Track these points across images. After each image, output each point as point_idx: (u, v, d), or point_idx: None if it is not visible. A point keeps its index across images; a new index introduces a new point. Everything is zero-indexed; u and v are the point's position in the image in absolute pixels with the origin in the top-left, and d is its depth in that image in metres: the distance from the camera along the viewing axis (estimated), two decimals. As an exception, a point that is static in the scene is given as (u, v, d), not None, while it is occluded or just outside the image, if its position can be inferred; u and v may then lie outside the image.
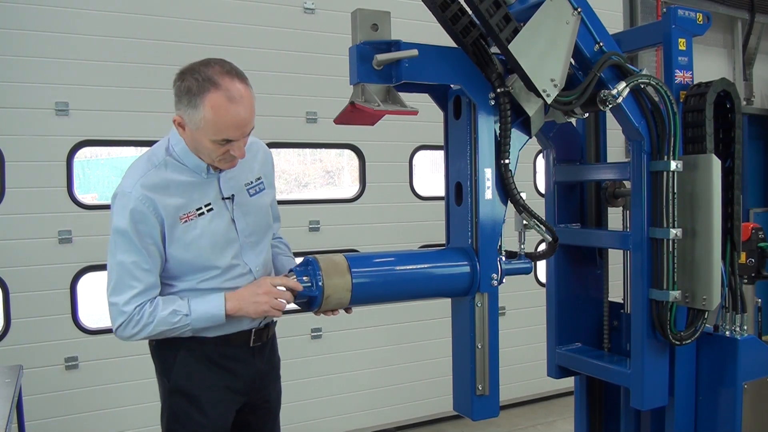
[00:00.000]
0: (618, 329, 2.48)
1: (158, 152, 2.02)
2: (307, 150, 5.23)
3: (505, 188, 1.88)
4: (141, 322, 1.93)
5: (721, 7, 6.22)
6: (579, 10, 1.87)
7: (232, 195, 2.04)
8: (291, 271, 1.93)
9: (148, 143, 3.90)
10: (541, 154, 3.83)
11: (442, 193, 2.05)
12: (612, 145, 2.61)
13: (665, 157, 2.05)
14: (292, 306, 2.01)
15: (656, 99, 2.06)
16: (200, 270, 2.01)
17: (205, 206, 1.99)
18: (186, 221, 1.96)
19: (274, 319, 2.19)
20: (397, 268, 1.93)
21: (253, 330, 2.11)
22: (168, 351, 2.06)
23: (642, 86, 2.01)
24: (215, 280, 2.02)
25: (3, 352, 3.49)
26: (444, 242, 2.07)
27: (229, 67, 1.91)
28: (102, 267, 2.73)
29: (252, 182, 2.12)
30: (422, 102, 1.90)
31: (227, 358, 2.08)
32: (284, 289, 1.91)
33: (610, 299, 2.50)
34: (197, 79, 1.85)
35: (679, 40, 2.17)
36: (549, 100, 1.82)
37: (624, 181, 2.38)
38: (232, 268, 2.04)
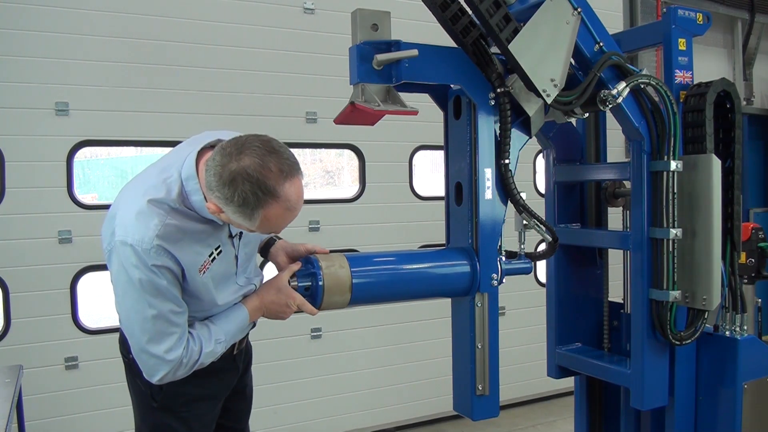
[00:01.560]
0: (618, 329, 2.48)
1: (170, 194, 1.78)
2: (307, 150, 5.23)
3: (505, 188, 1.88)
4: (190, 362, 1.85)
5: (721, 7, 6.22)
6: (579, 10, 1.87)
7: (240, 232, 1.95)
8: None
9: (148, 143, 3.92)
10: (541, 154, 3.83)
11: (442, 193, 2.05)
12: (612, 145, 2.61)
13: (665, 157, 2.05)
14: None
15: (656, 99, 2.06)
16: (206, 308, 1.95)
17: (216, 250, 1.88)
18: (204, 272, 1.85)
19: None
20: (397, 268, 1.93)
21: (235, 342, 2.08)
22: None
23: (642, 86, 2.01)
24: (210, 311, 1.96)
25: (3, 352, 3.49)
26: (444, 242, 2.07)
27: (286, 162, 1.66)
28: (102, 267, 2.73)
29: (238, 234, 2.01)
30: (422, 102, 1.90)
31: (213, 373, 2.02)
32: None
33: (610, 299, 2.50)
34: (255, 193, 1.62)
35: (679, 40, 2.17)
36: (549, 100, 1.82)
37: (624, 181, 2.38)
38: (229, 303, 1.98)
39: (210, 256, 1.86)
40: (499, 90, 1.82)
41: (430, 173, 5.70)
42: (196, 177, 1.75)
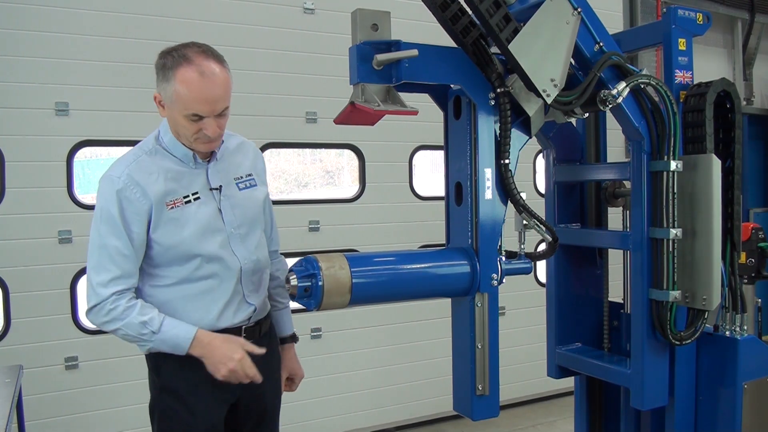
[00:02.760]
0: (618, 329, 2.48)
1: (148, 141, 2.09)
2: (307, 150, 5.23)
3: (505, 188, 1.87)
4: (111, 314, 1.96)
5: (721, 7, 6.22)
6: (579, 10, 1.87)
7: (220, 186, 2.11)
8: (290, 270, 1.93)
9: (148, 143, 3.92)
10: (541, 154, 3.83)
11: (442, 193, 2.05)
12: (612, 145, 2.61)
13: (665, 157, 2.05)
14: (293, 305, 2.02)
15: (656, 99, 2.06)
16: (184, 259, 2.04)
17: (192, 195, 2.05)
18: (172, 208, 2.02)
19: (267, 313, 2.27)
20: (397, 267, 1.93)
21: (243, 327, 2.15)
22: (165, 355, 2.06)
23: (642, 86, 2.01)
24: (200, 270, 2.05)
25: (3, 352, 3.49)
26: (444, 242, 2.07)
27: (206, 48, 1.98)
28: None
29: (242, 177, 2.19)
30: (422, 102, 1.90)
31: None
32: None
33: (610, 299, 2.50)
34: (173, 56, 1.93)
35: (679, 40, 2.17)
36: (549, 100, 1.82)
37: (624, 181, 2.38)
38: (218, 259, 2.07)
39: (185, 198, 2.03)
40: (499, 90, 1.82)
41: (430, 173, 5.70)
42: (166, 123, 2.05)
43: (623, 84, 1.95)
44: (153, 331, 1.96)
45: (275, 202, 4.24)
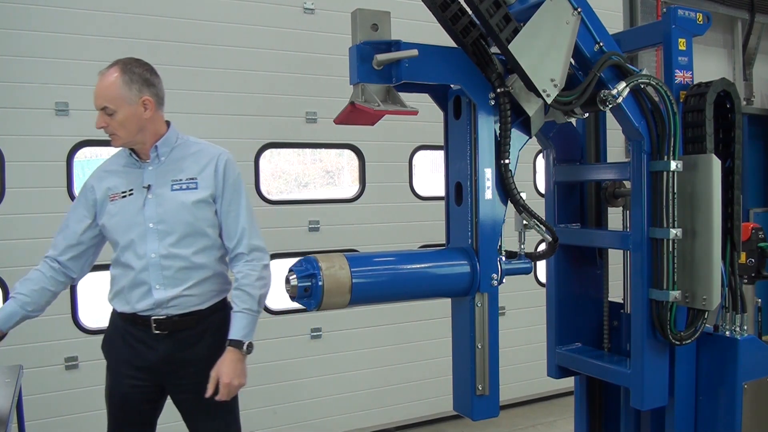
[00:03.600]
0: (618, 329, 2.48)
1: (120, 149, 2.54)
2: (307, 150, 5.23)
3: (505, 188, 1.87)
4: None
5: (721, 7, 6.22)
6: (579, 10, 1.87)
7: (149, 185, 2.40)
8: (290, 270, 1.93)
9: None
10: (541, 154, 3.83)
11: (442, 193, 2.05)
12: (612, 145, 2.61)
13: (665, 157, 2.05)
14: (293, 305, 2.02)
15: (656, 99, 2.06)
16: (114, 244, 2.46)
17: (128, 191, 2.41)
18: (113, 200, 2.42)
19: (202, 308, 2.45)
20: (397, 267, 1.93)
21: (152, 318, 2.39)
22: (109, 319, 2.54)
23: (642, 86, 2.01)
24: (122, 256, 2.42)
25: (3, 352, 3.48)
26: (444, 242, 2.07)
27: (129, 59, 2.49)
28: (103, 267, 2.74)
29: (181, 180, 2.42)
30: (422, 102, 1.90)
31: (132, 337, 2.43)
32: None
33: (610, 299, 2.50)
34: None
35: (679, 40, 2.17)
36: (549, 100, 1.82)
37: (624, 181, 2.38)
38: (131, 249, 2.39)
39: (122, 193, 2.42)
40: (499, 90, 1.82)
41: (430, 173, 5.70)
42: None
43: (623, 84, 1.95)
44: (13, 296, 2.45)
45: (275, 202, 4.28)
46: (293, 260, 1.89)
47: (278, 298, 3.47)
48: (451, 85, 1.94)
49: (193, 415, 2.50)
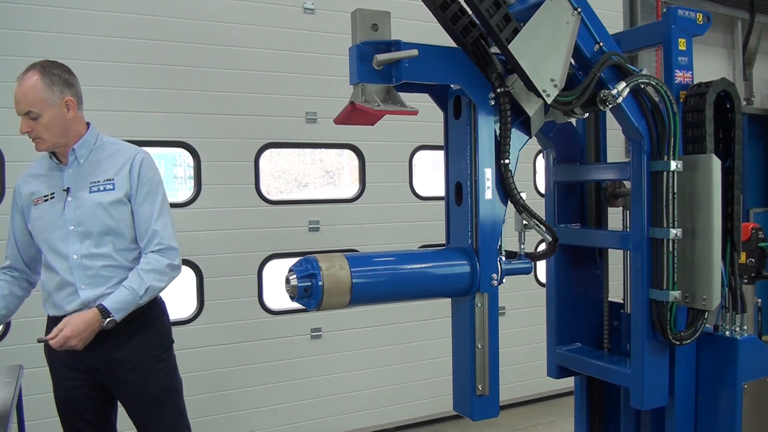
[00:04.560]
0: (618, 329, 2.48)
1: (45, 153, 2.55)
2: (307, 150, 5.23)
3: (505, 188, 1.87)
4: None
5: (721, 7, 6.22)
6: (579, 10, 1.87)
7: (68, 188, 2.43)
8: (290, 270, 1.93)
9: (147, 143, 3.92)
10: (541, 154, 3.83)
11: (442, 193, 2.05)
12: (612, 145, 2.61)
13: (665, 157, 2.05)
14: (293, 305, 2.02)
15: (656, 99, 2.06)
16: (39, 249, 2.47)
17: (50, 194, 2.45)
18: (36, 204, 2.46)
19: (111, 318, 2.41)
20: (397, 267, 1.93)
21: (62, 317, 2.39)
22: (46, 326, 2.53)
23: (642, 86, 2.01)
24: (46, 260, 2.45)
25: (3, 352, 3.49)
26: (444, 242, 2.07)
27: (46, 62, 2.45)
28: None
29: (98, 181, 2.45)
30: (422, 102, 1.90)
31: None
32: None
33: (610, 299, 2.50)
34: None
35: (679, 40, 2.17)
36: (549, 100, 1.82)
37: (624, 181, 2.38)
38: (54, 251, 2.42)
39: (44, 197, 2.45)
40: (499, 90, 1.82)
41: (430, 173, 5.70)
42: None
43: (623, 84, 1.95)
44: None
45: (275, 202, 4.28)
46: (293, 260, 1.89)
47: (278, 298, 3.47)
48: (451, 85, 1.94)
49: (136, 412, 2.55)
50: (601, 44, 1.99)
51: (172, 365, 2.62)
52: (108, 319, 2.35)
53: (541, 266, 3.63)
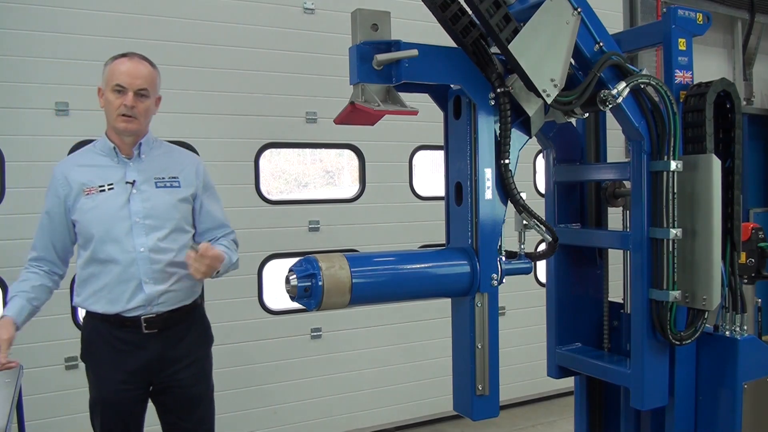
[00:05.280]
0: (618, 329, 2.48)
1: (94, 142, 2.57)
2: (307, 150, 5.23)
3: (505, 188, 1.87)
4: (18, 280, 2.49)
5: (721, 7, 6.22)
6: (579, 10, 1.87)
7: (134, 180, 2.43)
8: (290, 270, 1.93)
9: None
10: (541, 154, 3.83)
11: (442, 193, 2.05)
12: (612, 145, 2.61)
13: (665, 157, 2.05)
14: (293, 305, 2.03)
15: (656, 99, 2.06)
16: (88, 239, 2.40)
17: (107, 185, 2.42)
18: (88, 194, 2.41)
19: (187, 303, 2.51)
20: (397, 267, 1.93)
21: (142, 317, 2.40)
22: (84, 326, 2.52)
23: (642, 86, 2.01)
24: (99, 253, 2.38)
25: (3, 352, 3.48)
26: (444, 242, 2.07)
27: (128, 52, 2.49)
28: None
29: (163, 178, 2.49)
30: (422, 102, 1.90)
31: (118, 341, 2.41)
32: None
33: (610, 299, 2.50)
34: (113, 57, 2.48)
35: (679, 40, 2.17)
36: (549, 100, 1.82)
37: (624, 181, 2.38)
38: (116, 242, 2.37)
39: (100, 187, 2.41)
40: (499, 90, 1.82)
41: (430, 173, 5.70)
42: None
43: (623, 84, 1.95)
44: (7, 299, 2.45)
45: (275, 202, 4.28)
46: (293, 260, 1.89)
47: (278, 298, 3.47)
48: (451, 85, 1.94)
49: (176, 409, 2.54)
50: (601, 44, 1.99)
51: (212, 363, 2.68)
52: (220, 269, 2.44)
53: (541, 266, 3.63)
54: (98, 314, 2.43)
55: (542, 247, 2.04)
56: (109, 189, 2.42)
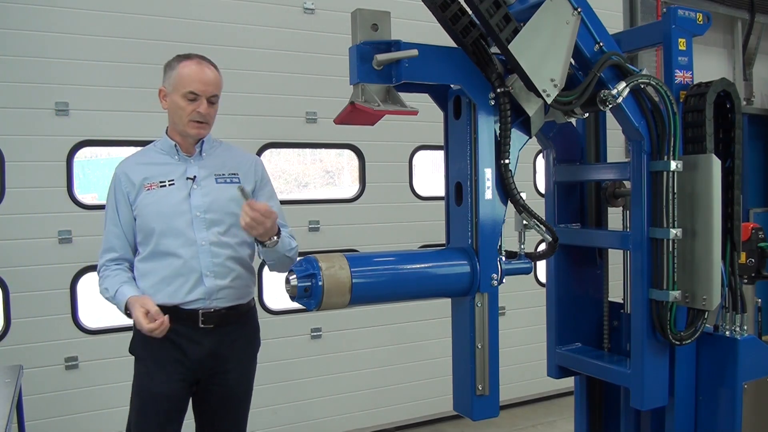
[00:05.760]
0: (618, 329, 2.48)
1: (150, 144, 2.59)
2: (307, 150, 5.24)
3: (505, 188, 1.87)
4: (99, 280, 2.47)
5: (721, 7, 6.22)
6: (579, 10, 1.87)
7: (195, 176, 2.45)
8: (290, 270, 1.93)
9: (148, 143, 3.93)
10: (541, 154, 3.83)
11: (442, 193, 2.05)
12: (612, 145, 2.61)
13: (665, 157, 2.05)
14: (293, 305, 2.03)
15: (656, 99, 2.06)
16: (149, 233, 2.40)
17: (168, 181, 2.44)
18: (149, 189, 2.42)
19: (243, 302, 2.50)
20: (397, 267, 1.93)
21: (200, 311, 2.40)
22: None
23: (642, 86, 2.01)
24: (160, 246, 2.39)
25: (3, 352, 3.49)
26: (444, 242, 2.07)
27: (205, 57, 2.50)
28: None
29: (224, 174, 2.49)
30: (422, 102, 1.90)
31: (174, 333, 2.33)
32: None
33: (610, 299, 2.50)
34: (178, 57, 2.48)
35: (679, 40, 2.17)
36: (549, 100, 1.82)
37: (624, 181, 2.38)
38: (179, 235, 2.37)
39: (161, 183, 2.43)
40: (499, 90, 1.82)
41: (430, 173, 5.70)
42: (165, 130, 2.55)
43: (623, 84, 1.95)
44: (111, 296, 2.40)
45: (275, 202, 4.27)
46: (293, 260, 1.89)
47: (278, 298, 3.47)
48: (451, 85, 1.94)
49: (217, 408, 2.52)
50: (601, 44, 1.99)
51: (256, 368, 2.67)
52: (274, 238, 2.30)
53: (541, 266, 3.63)
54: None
55: (542, 247, 2.04)
56: (170, 184, 2.43)
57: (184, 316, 2.39)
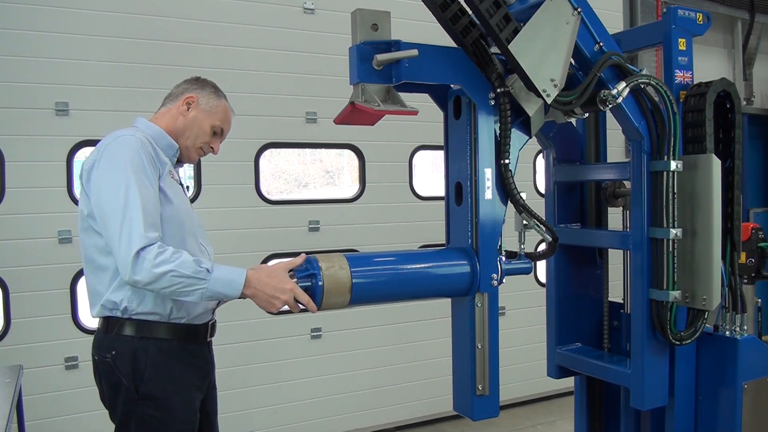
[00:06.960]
0: (618, 329, 2.48)
1: (130, 131, 2.14)
2: (307, 150, 5.23)
3: (505, 188, 1.88)
4: (161, 257, 1.83)
5: (721, 7, 6.22)
6: (579, 10, 1.87)
7: (188, 186, 2.32)
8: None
9: (148, 143, 3.93)
10: (541, 154, 3.83)
11: (442, 193, 2.05)
12: (612, 145, 2.61)
13: (665, 157, 2.05)
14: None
15: (656, 99, 2.06)
16: (175, 226, 2.03)
17: (179, 180, 2.20)
18: (172, 178, 2.12)
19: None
20: (397, 267, 1.93)
21: (210, 323, 2.22)
22: (140, 352, 2.04)
23: (642, 86, 2.01)
24: (188, 242, 2.07)
25: (3, 352, 3.49)
26: (444, 242, 2.07)
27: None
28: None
29: (187, 187, 2.37)
30: (422, 102, 1.90)
31: (192, 355, 2.12)
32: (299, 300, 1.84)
33: (610, 299, 2.50)
34: (219, 89, 2.35)
35: (679, 40, 2.17)
36: (549, 100, 1.82)
37: (624, 181, 2.38)
38: (199, 240, 2.16)
39: (179, 180, 2.19)
40: (499, 90, 1.82)
41: (430, 173, 5.70)
42: (145, 122, 2.26)
43: (623, 84, 1.96)
44: (208, 269, 1.87)
45: (275, 202, 4.28)
46: (293, 260, 1.88)
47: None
48: (451, 85, 1.94)
49: (212, 412, 2.37)
50: (601, 44, 1.99)
51: None
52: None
53: (541, 266, 3.63)
54: (179, 327, 2.08)
55: (542, 247, 2.04)
56: (182, 185, 2.22)
57: (195, 332, 2.12)
